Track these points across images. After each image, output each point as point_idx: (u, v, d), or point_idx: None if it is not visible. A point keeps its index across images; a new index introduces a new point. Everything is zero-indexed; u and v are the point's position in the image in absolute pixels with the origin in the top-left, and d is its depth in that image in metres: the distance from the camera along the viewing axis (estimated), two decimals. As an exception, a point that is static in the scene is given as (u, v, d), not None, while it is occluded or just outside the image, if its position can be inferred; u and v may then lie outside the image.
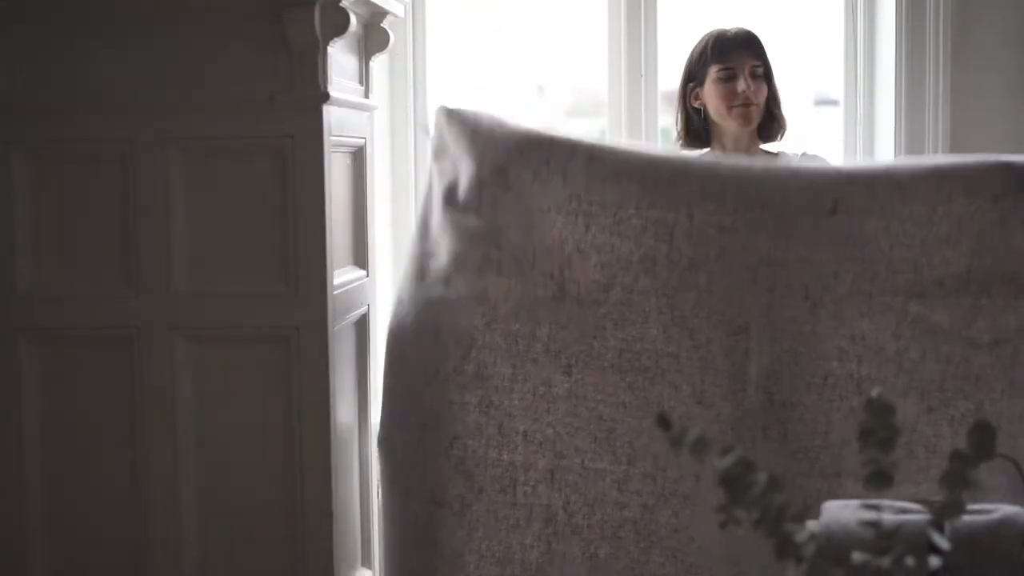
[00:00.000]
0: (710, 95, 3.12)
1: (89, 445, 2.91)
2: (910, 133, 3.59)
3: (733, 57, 3.08)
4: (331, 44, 2.79)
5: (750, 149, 3.15)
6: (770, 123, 3.15)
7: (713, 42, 3.13)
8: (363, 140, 3.17)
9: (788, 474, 2.18)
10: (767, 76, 3.12)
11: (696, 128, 3.19)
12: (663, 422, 1.30)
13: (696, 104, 3.16)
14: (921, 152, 3.58)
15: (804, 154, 3.15)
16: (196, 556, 2.90)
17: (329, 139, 2.83)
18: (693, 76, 3.16)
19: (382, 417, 2.55)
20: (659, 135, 3.76)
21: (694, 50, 3.18)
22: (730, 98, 3.09)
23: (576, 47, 4.07)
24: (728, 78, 3.08)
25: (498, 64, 4.23)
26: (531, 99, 4.85)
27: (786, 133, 3.22)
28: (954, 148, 3.58)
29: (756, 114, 3.10)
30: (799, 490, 2.18)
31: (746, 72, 3.08)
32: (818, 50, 4.06)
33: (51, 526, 2.93)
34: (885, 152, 3.67)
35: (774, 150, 3.25)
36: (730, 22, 3.21)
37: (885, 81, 3.68)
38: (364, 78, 3.18)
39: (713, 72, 3.10)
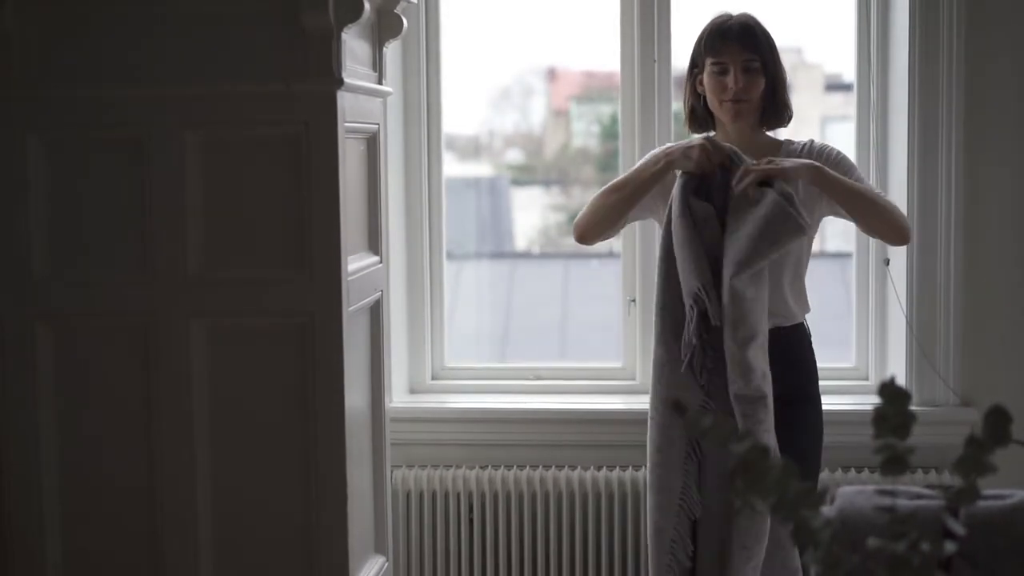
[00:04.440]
0: (707, 86, 3.11)
1: (105, 430, 2.93)
2: (923, 117, 3.58)
3: (725, 51, 3.06)
4: (345, 30, 2.79)
5: (752, 138, 3.12)
6: (772, 110, 3.12)
7: (708, 34, 3.11)
8: (376, 126, 3.18)
9: None
10: (765, 67, 3.08)
11: (700, 115, 3.18)
12: (679, 408, 1.30)
13: (700, 90, 3.15)
14: (935, 141, 3.57)
15: (811, 142, 3.12)
16: (211, 540, 2.91)
17: (343, 125, 2.83)
18: (696, 63, 3.15)
19: None
20: (671, 120, 3.75)
21: (698, 37, 3.16)
22: (720, 93, 3.07)
23: (588, 32, 4.07)
24: (720, 72, 3.07)
25: (510, 49, 4.23)
26: (542, 84, 4.85)
27: (791, 117, 3.18)
28: (968, 130, 3.57)
29: (747, 110, 3.08)
30: None
31: (738, 67, 3.05)
32: (831, 33, 4.04)
33: (67, 511, 2.95)
34: (899, 136, 3.67)
35: (780, 138, 3.23)
36: (738, 7, 3.18)
37: (899, 64, 3.66)
38: (377, 64, 3.18)
39: (708, 64, 3.09)
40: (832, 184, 2.97)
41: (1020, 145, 3.60)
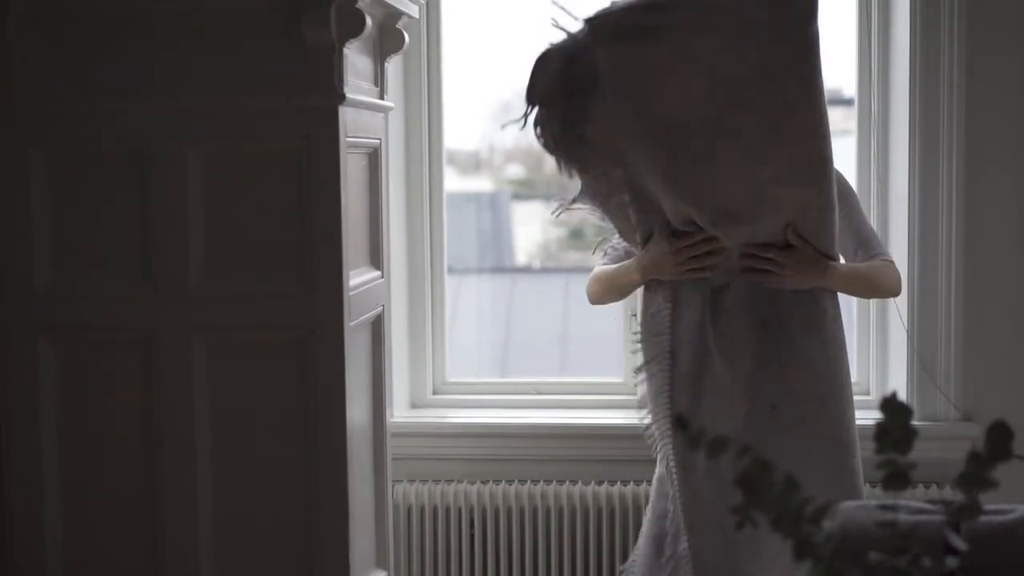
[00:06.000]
0: None
1: (106, 443, 2.93)
2: (924, 131, 3.58)
3: None
4: (347, 45, 2.80)
5: None
6: None
7: None
8: (378, 141, 3.18)
9: None
10: None
11: None
12: (681, 423, 1.30)
13: None
14: (936, 155, 3.58)
15: None
16: (212, 555, 2.91)
17: (345, 140, 2.84)
18: None
19: None
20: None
21: None
22: None
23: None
24: None
25: (511, 64, 4.23)
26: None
27: None
28: (969, 144, 3.57)
29: None
30: None
31: None
32: (831, 48, 4.04)
33: (68, 523, 2.95)
34: (899, 151, 3.67)
35: None
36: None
37: (900, 79, 3.67)
38: (379, 79, 3.19)
39: None
40: (836, 283, 2.95)
41: (1021, 159, 3.61)
